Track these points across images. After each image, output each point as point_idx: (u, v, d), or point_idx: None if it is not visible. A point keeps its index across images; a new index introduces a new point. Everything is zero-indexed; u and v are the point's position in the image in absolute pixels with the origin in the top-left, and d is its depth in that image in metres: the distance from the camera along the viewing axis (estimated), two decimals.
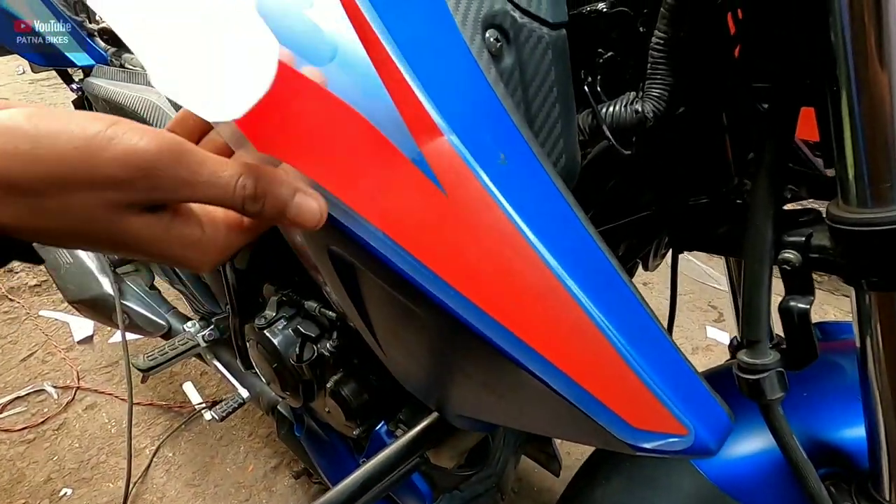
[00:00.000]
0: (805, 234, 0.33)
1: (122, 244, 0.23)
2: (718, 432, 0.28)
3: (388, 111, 0.27)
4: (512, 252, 0.27)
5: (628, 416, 0.27)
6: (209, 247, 0.25)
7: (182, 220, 0.24)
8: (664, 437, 0.28)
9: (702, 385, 0.29)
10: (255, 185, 0.24)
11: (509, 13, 0.33)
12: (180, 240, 0.24)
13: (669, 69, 0.34)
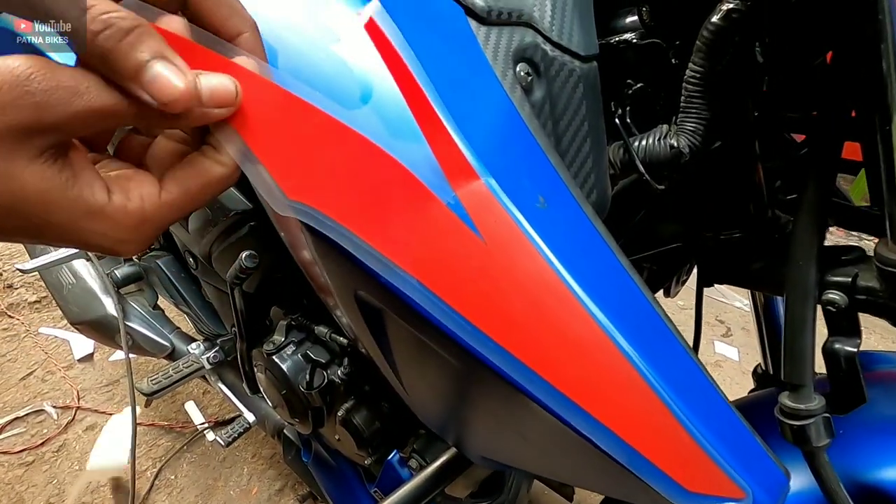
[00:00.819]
0: (851, 275, 0.31)
1: (10, 204, 0.20)
2: (777, 493, 0.27)
3: (423, 153, 0.26)
4: (554, 302, 0.26)
5: (681, 478, 0.25)
6: (119, 219, 0.22)
7: (84, 180, 0.21)
8: (720, 501, 0.26)
9: (756, 442, 0.27)
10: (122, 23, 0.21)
11: (540, 46, 0.32)
12: (81, 204, 0.21)
13: (705, 103, 0.33)
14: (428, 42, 0.30)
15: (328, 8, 0.29)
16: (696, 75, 0.33)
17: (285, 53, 0.28)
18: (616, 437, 0.25)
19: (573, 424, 0.26)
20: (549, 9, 0.33)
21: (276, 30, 0.30)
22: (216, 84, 0.23)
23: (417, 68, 0.27)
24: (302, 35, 0.28)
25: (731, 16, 0.30)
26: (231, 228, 0.69)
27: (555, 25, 0.33)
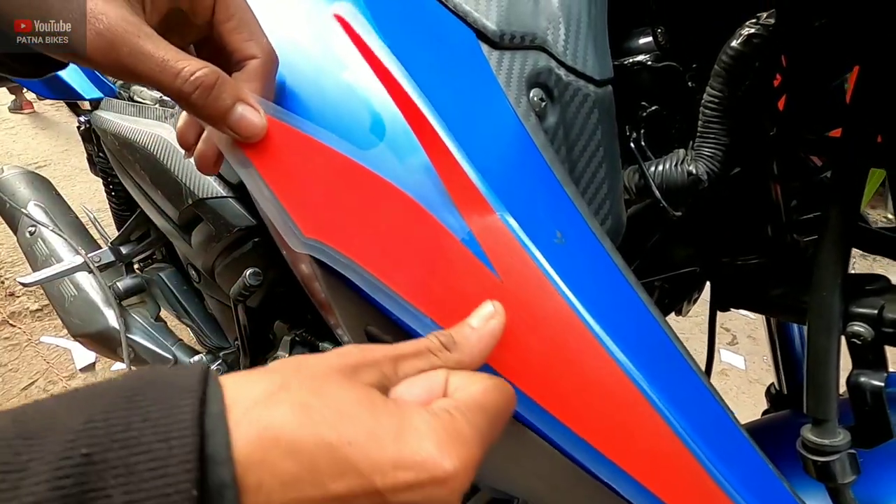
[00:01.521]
0: (877, 306, 0.30)
1: None
2: None
3: (436, 189, 0.25)
4: (572, 341, 0.25)
5: None
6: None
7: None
8: None
9: (785, 489, 0.26)
10: (207, 79, 0.25)
11: (554, 70, 0.32)
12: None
13: (724, 128, 0.32)
14: (438, 70, 0.29)
15: (335, 37, 0.28)
16: (715, 101, 0.32)
17: (297, 83, 0.27)
18: (640, 485, 0.24)
19: (588, 466, 0.25)
20: (562, 32, 0.32)
21: (288, 57, 0.29)
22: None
23: (425, 102, 0.26)
24: (313, 64, 0.28)
25: (752, 41, 0.29)
26: (235, 244, 0.68)
27: (569, 49, 0.32)
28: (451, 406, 0.20)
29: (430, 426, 0.19)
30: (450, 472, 0.18)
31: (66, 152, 3.22)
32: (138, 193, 0.85)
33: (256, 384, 0.18)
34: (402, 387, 0.21)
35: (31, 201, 1.14)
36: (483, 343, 0.23)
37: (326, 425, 0.17)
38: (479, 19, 0.31)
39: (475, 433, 0.19)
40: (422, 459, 0.18)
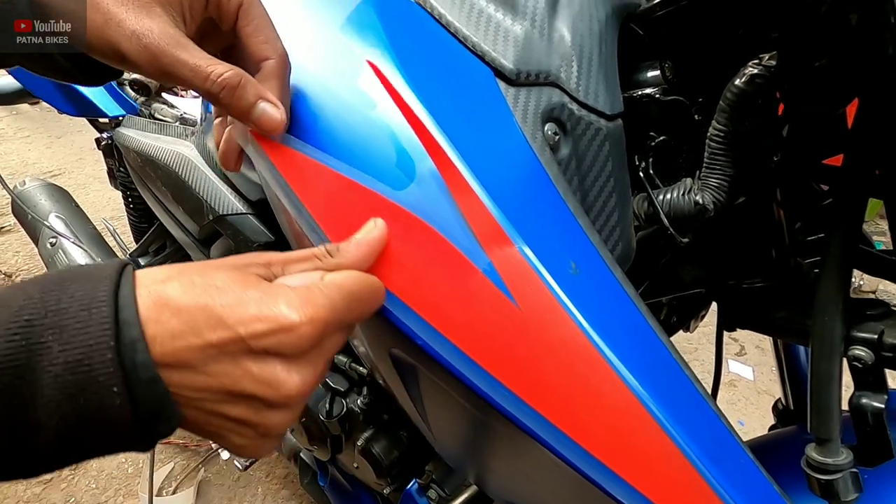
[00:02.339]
0: (877, 331, 0.32)
1: None
2: None
3: (459, 224, 0.27)
4: (586, 367, 0.26)
5: None
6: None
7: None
8: None
9: (780, 498, 0.28)
10: (232, 80, 0.29)
11: (567, 106, 0.33)
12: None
13: (729, 160, 0.34)
14: (460, 110, 0.31)
15: (368, 83, 0.30)
16: (720, 135, 0.33)
17: (336, 127, 0.30)
18: (642, 495, 0.26)
19: (603, 486, 0.26)
20: (575, 69, 0.34)
21: (326, 101, 0.32)
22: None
23: (449, 143, 0.28)
24: (351, 109, 0.30)
25: (754, 80, 0.31)
26: None
27: (581, 85, 0.34)
28: (311, 283, 0.25)
29: (287, 294, 0.24)
30: (294, 322, 0.23)
31: (79, 161, 3.28)
32: (158, 208, 0.87)
33: (160, 271, 0.24)
34: (283, 279, 0.26)
35: (52, 213, 1.17)
36: (361, 250, 0.27)
37: (206, 294, 0.23)
38: (497, 58, 0.33)
39: (326, 301, 0.24)
40: (273, 314, 0.23)
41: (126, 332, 0.21)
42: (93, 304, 0.21)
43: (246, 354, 0.23)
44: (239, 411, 0.23)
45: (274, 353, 0.23)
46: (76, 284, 0.22)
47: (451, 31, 0.34)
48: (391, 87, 0.30)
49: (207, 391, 0.23)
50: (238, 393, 0.23)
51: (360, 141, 0.29)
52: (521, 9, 0.34)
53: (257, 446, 0.25)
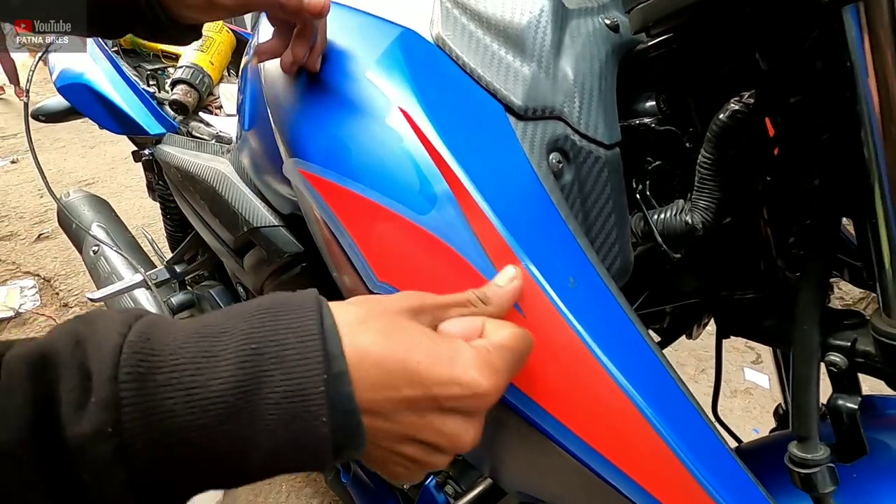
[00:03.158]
0: (850, 339, 0.35)
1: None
2: None
3: (473, 244, 0.32)
4: (583, 369, 0.31)
5: None
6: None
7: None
8: None
9: (757, 490, 0.31)
10: None
11: (570, 137, 0.38)
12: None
13: (717, 185, 0.38)
14: (474, 142, 0.35)
15: (401, 126, 0.35)
16: (708, 162, 0.37)
17: (374, 163, 0.35)
18: (640, 487, 0.30)
19: (596, 469, 0.30)
20: (577, 104, 0.38)
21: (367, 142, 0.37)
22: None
23: (466, 174, 0.33)
24: (386, 147, 0.35)
25: (735, 115, 0.35)
26: (284, 268, 0.76)
27: (582, 118, 0.38)
28: (488, 344, 0.27)
29: (474, 357, 0.26)
30: (485, 390, 0.25)
31: (112, 170, 3.42)
32: (195, 219, 0.94)
33: (349, 311, 0.26)
34: (447, 324, 0.29)
35: (95, 222, 1.25)
36: (507, 297, 0.30)
37: (402, 349, 0.25)
38: (508, 96, 0.37)
39: (504, 365, 0.27)
40: (468, 380, 0.25)
41: (334, 364, 0.23)
42: (306, 337, 0.23)
43: (434, 410, 0.25)
44: (413, 452, 0.26)
45: (459, 411, 0.26)
46: (288, 316, 0.24)
47: (468, 71, 0.39)
48: (415, 125, 0.34)
49: (391, 434, 0.25)
50: (418, 440, 0.26)
51: (390, 172, 0.34)
52: (529, 51, 0.39)
53: (411, 476, 0.27)
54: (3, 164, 3.52)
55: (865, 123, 0.29)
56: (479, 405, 0.26)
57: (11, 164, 3.51)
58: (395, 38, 0.41)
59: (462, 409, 0.26)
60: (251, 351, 0.22)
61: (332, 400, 0.23)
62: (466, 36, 0.40)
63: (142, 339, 0.22)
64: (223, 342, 0.23)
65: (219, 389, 0.21)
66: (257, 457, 0.22)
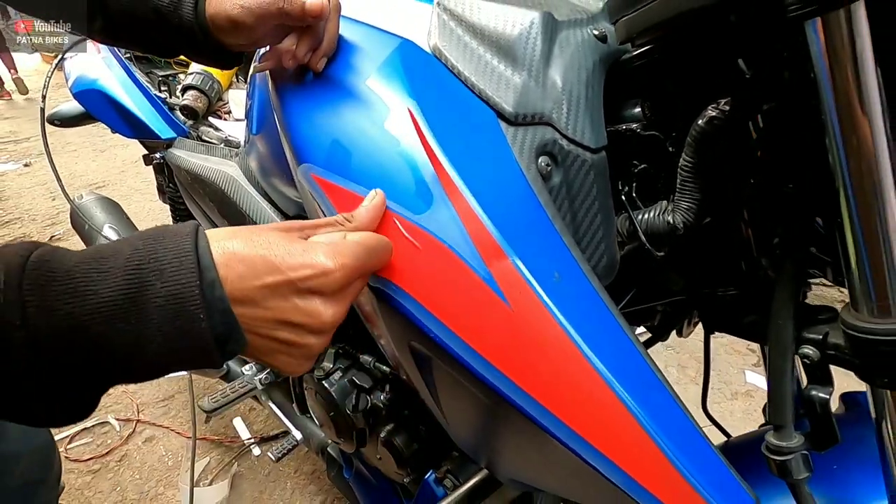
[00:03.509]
0: (822, 332, 0.37)
1: None
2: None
3: (465, 241, 0.34)
4: (565, 357, 0.33)
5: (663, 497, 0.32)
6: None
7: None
8: None
9: (727, 471, 0.33)
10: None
11: (558, 141, 0.40)
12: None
13: (697, 187, 0.40)
14: (468, 146, 0.38)
15: (406, 128, 0.38)
16: (688, 165, 0.39)
17: (377, 165, 0.38)
18: (618, 467, 0.32)
19: (583, 455, 0.33)
20: (565, 111, 0.41)
21: (372, 143, 0.39)
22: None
23: (459, 175, 0.35)
24: (392, 148, 0.38)
25: (712, 122, 0.37)
26: None
27: (570, 124, 0.40)
28: (338, 237, 0.33)
29: (323, 247, 0.32)
30: (330, 268, 0.31)
31: (122, 174, 3.48)
32: (204, 220, 0.97)
33: (224, 232, 0.31)
34: (314, 237, 0.34)
35: (106, 224, 1.29)
36: (370, 215, 0.36)
37: (262, 248, 0.30)
38: (499, 103, 0.40)
39: (350, 252, 0.32)
40: (315, 262, 0.31)
41: (206, 274, 0.28)
42: (181, 254, 0.28)
43: (294, 293, 0.30)
44: (287, 335, 0.31)
45: (315, 291, 0.31)
46: (166, 240, 0.29)
47: (462, 79, 0.41)
48: (418, 129, 0.37)
49: (264, 320, 0.30)
50: (287, 322, 0.31)
51: (388, 174, 0.37)
52: (520, 61, 0.41)
53: (298, 364, 0.33)
54: (17, 167, 3.59)
55: (829, 131, 0.31)
56: (330, 283, 0.31)
57: (24, 167, 3.58)
58: (394, 48, 0.44)
59: (317, 289, 0.31)
60: (135, 266, 0.27)
61: (207, 301, 0.28)
62: (461, 46, 0.43)
63: (41, 261, 0.27)
64: (111, 261, 0.28)
65: (108, 296, 0.27)
66: (151, 350, 0.27)
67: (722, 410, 1.52)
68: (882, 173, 0.31)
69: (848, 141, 0.30)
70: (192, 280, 0.28)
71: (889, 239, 0.31)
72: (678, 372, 1.64)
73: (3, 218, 2.91)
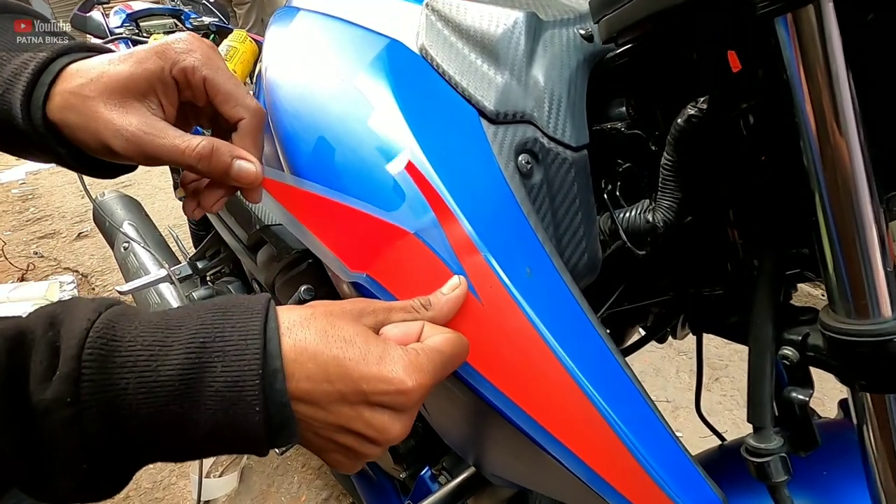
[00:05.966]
0: (802, 334, 0.36)
1: None
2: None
3: (439, 236, 0.35)
4: (533, 352, 0.33)
5: (633, 498, 0.32)
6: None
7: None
8: None
9: (695, 470, 0.33)
10: (205, 151, 0.34)
11: (539, 139, 0.40)
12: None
13: (677, 186, 0.40)
14: (447, 143, 0.39)
15: (370, 118, 0.39)
16: (669, 163, 0.39)
17: (348, 165, 0.39)
18: (581, 461, 0.32)
19: (550, 450, 0.33)
20: (546, 109, 0.41)
21: (342, 143, 0.40)
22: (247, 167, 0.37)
23: (435, 172, 0.36)
24: (362, 145, 0.39)
25: (691, 120, 0.37)
26: (292, 264, 0.80)
27: (551, 122, 0.41)
28: (419, 347, 0.30)
29: (402, 357, 0.29)
30: (409, 388, 0.28)
31: (147, 173, 3.58)
32: (214, 217, 0.99)
33: (295, 312, 0.29)
34: (388, 328, 0.32)
35: (126, 221, 1.33)
36: (450, 305, 0.33)
37: (336, 347, 0.28)
38: (481, 101, 0.40)
39: (430, 367, 0.30)
40: (393, 377, 0.28)
41: (270, 362, 0.27)
42: (248, 336, 0.27)
43: (364, 404, 0.28)
44: (347, 441, 0.29)
45: (387, 406, 0.29)
46: (235, 317, 0.27)
47: (447, 78, 0.42)
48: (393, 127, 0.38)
49: (326, 424, 0.28)
50: (350, 430, 0.29)
51: (365, 171, 0.38)
52: (504, 60, 0.42)
53: (351, 465, 0.31)
54: (50, 166, 3.73)
55: (802, 130, 0.31)
56: (405, 402, 0.29)
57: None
58: (382, 48, 0.45)
59: (389, 405, 0.29)
60: (199, 344, 0.26)
61: (266, 392, 0.26)
62: (447, 46, 0.43)
63: (107, 326, 0.26)
64: (176, 335, 0.26)
65: (167, 375, 0.25)
66: (198, 436, 0.26)
67: (735, 418, 1.49)
68: (856, 174, 0.30)
69: (822, 141, 0.30)
70: (254, 368, 0.26)
71: (864, 238, 0.31)
72: (690, 378, 1.61)
73: (36, 214, 3.03)
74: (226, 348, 0.26)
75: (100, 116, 0.33)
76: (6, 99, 0.33)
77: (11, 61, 0.34)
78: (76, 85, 0.33)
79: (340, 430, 0.29)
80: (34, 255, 2.59)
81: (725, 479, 0.43)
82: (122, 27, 1.32)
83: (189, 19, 1.42)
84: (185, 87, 0.36)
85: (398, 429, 0.29)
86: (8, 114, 0.34)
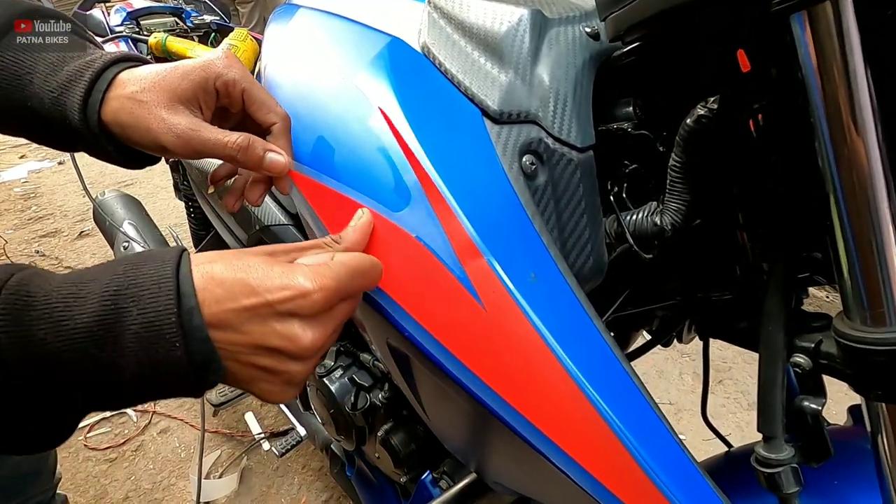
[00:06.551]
0: (815, 341, 0.35)
1: None
2: None
3: (441, 239, 0.34)
4: (537, 359, 0.32)
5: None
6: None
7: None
8: None
9: (701, 478, 0.32)
10: (244, 143, 0.39)
11: (543, 140, 0.39)
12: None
13: (686, 188, 0.39)
14: (450, 144, 0.38)
15: (379, 125, 0.38)
16: (677, 165, 0.38)
17: (352, 161, 0.38)
18: (584, 469, 0.31)
19: (551, 458, 0.32)
20: (551, 109, 0.40)
21: (346, 142, 0.39)
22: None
23: (438, 174, 0.35)
24: (365, 146, 0.38)
25: (701, 121, 0.36)
26: None
27: (556, 122, 0.40)
28: (322, 260, 0.32)
29: (303, 269, 0.31)
30: (309, 289, 0.30)
31: (149, 172, 3.58)
32: (214, 218, 0.99)
33: (208, 255, 0.31)
34: (301, 259, 0.33)
35: (126, 220, 1.32)
36: (357, 235, 0.35)
37: (242, 270, 0.30)
38: (484, 100, 0.39)
39: (333, 273, 0.31)
40: (293, 284, 0.30)
41: (185, 301, 0.28)
42: (161, 280, 0.28)
43: (272, 316, 0.29)
44: (267, 361, 0.30)
45: (293, 314, 0.30)
46: (148, 265, 0.29)
47: (449, 77, 0.41)
48: (393, 126, 0.37)
49: (242, 346, 0.29)
50: (266, 347, 0.30)
51: (368, 171, 0.37)
52: (507, 58, 0.41)
53: (281, 392, 0.32)
54: (52, 165, 3.73)
55: (818, 132, 0.30)
56: (310, 305, 0.30)
57: (59, 164, 3.72)
58: (383, 46, 0.44)
59: (296, 312, 0.30)
60: (113, 292, 0.27)
61: (185, 328, 0.27)
62: (450, 44, 0.42)
63: (20, 284, 0.27)
64: (90, 287, 0.27)
65: (83, 322, 0.26)
66: (126, 380, 0.27)
67: (738, 421, 1.48)
68: (874, 175, 0.29)
69: (837, 142, 0.29)
70: (169, 307, 0.27)
71: (882, 243, 0.30)
72: (693, 380, 1.60)
73: (38, 213, 3.03)
74: (140, 293, 0.27)
75: (153, 117, 0.38)
76: (61, 101, 0.39)
77: (63, 68, 0.40)
78: (131, 91, 0.39)
79: (258, 350, 0.30)
80: (36, 253, 2.58)
81: (732, 486, 0.42)
82: (122, 25, 1.31)
83: (190, 17, 1.41)
84: (224, 96, 0.42)
85: (310, 336, 0.30)
86: (63, 114, 0.39)
